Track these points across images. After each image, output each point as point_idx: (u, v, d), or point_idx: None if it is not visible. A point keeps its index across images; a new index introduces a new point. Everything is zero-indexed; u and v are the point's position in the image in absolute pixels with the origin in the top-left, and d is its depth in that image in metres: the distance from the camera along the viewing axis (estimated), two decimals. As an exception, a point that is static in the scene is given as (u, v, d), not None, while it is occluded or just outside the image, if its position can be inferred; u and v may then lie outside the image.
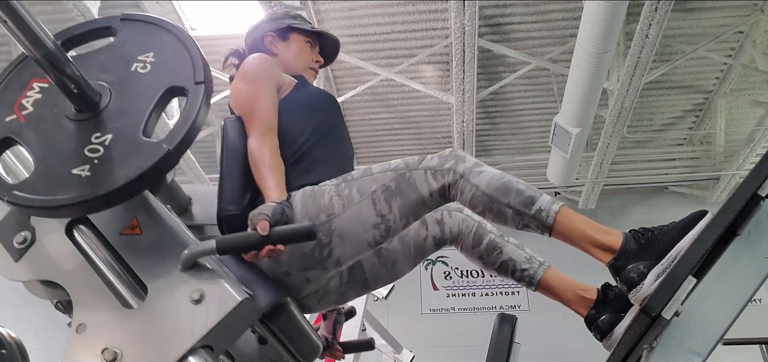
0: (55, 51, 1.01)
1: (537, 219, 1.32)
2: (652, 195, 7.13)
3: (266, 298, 1.28)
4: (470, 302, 7.05)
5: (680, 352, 1.10)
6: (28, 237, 1.12)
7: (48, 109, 1.11)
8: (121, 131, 1.06)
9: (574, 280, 1.52)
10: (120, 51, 1.17)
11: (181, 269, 1.05)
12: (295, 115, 1.55)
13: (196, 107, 1.07)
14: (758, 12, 4.98)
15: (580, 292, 1.48)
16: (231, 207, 1.39)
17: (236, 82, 1.57)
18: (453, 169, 1.37)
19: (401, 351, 4.56)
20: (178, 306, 1.01)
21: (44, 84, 1.14)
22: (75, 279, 1.08)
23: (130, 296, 1.05)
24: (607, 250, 1.28)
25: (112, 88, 1.11)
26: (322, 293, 1.51)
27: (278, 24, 1.76)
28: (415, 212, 1.40)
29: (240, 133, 1.47)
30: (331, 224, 1.37)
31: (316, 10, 4.79)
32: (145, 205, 1.14)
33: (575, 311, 1.49)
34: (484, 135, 6.33)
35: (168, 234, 1.11)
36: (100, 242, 1.11)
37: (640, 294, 1.21)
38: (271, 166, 1.37)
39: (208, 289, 1.02)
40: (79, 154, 1.04)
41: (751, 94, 5.85)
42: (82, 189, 1.01)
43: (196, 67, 1.11)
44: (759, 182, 1.09)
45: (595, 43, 3.97)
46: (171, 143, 1.03)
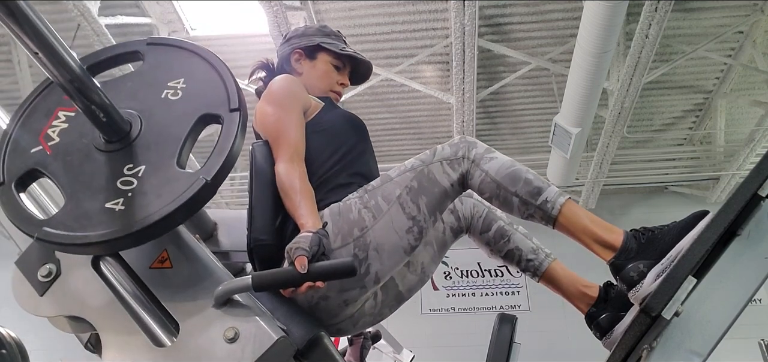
0: (82, 76, 0.97)
1: (542, 209, 1.33)
2: (652, 195, 7.13)
3: (301, 334, 1.22)
4: (470, 302, 7.05)
5: (680, 352, 1.09)
6: (53, 271, 1.07)
7: (76, 139, 1.07)
8: (155, 162, 1.02)
9: (578, 276, 1.52)
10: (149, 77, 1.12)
11: (214, 305, 1.01)
12: (321, 139, 1.51)
13: (232, 135, 1.03)
14: (758, 12, 4.98)
15: (582, 288, 1.48)
16: (263, 236, 1.33)
17: (262, 104, 1.52)
18: (466, 156, 1.39)
19: (401, 351, 4.56)
20: (212, 345, 0.97)
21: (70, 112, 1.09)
22: (103, 316, 1.03)
23: (161, 333, 1.00)
24: (608, 247, 1.29)
25: (142, 117, 1.07)
26: (357, 317, 1.46)
27: (308, 41, 1.72)
28: (441, 205, 1.41)
29: (267, 158, 1.42)
30: (366, 238, 1.35)
31: (316, 10, 4.79)
32: (175, 237, 1.10)
33: (576, 306, 1.49)
34: (484, 135, 6.32)
35: (200, 268, 1.07)
36: (129, 276, 1.06)
37: (640, 293, 1.21)
38: (302, 192, 1.33)
39: (242, 327, 0.98)
40: (112, 187, 1.00)
41: (751, 94, 5.84)
42: (117, 225, 0.97)
43: (229, 93, 1.07)
44: (759, 182, 1.09)
45: (595, 43, 3.97)
46: (208, 174, 0.99)
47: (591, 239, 1.31)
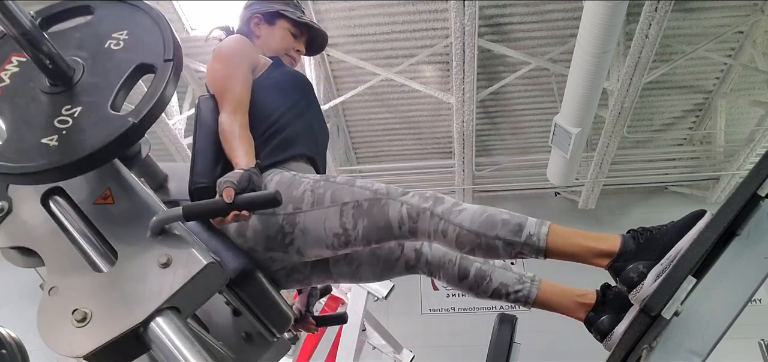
0: (32, 29, 1.06)
1: (529, 245, 1.30)
2: (652, 195, 7.13)
3: (234, 265, 1.35)
4: (470, 302, 7.04)
5: (680, 352, 1.09)
6: (4, 207, 1.17)
7: (24, 83, 1.16)
8: (91, 104, 1.10)
9: (569, 288, 1.52)
10: (96, 28, 1.21)
11: (149, 235, 1.09)
12: (269, 93, 1.60)
13: (163, 83, 1.10)
14: (758, 12, 4.98)
15: (577, 299, 1.48)
16: (203, 179, 1.43)
17: (211, 62, 1.62)
18: (431, 210, 1.36)
19: (401, 351, 4.56)
20: (146, 270, 1.05)
21: (23, 58, 1.18)
22: (48, 246, 1.12)
23: (100, 261, 1.08)
24: (605, 256, 1.28)
25: (85, 64, 1.16)
26: (289, 270, 1.56)
27: (268, 7, 1.79)
28: (378, 238, 1.40)
29: (213, 111, 1.52)
30: (296, 217, 1.41)
31: (316, 10, 4.79)
32: (118, 176, 1.19)
33: (576, 318, 1.48)
34: (484, 135, 6.33)
35: (139, 204, 1.15)
36: (74, 211, 1.15)
37: (641, 294, 1.21)
38: (240, 137, 1.43)
39: (175, 254, 1.06)
40: (49, 125, 1.09)
41: (751, 94, 5.84)
42: (50, 158, 1.05)
43: (166, 45, 1.15)
44: (759, 182, 1.09)
45: (595, 43, 3.97)
46: (136, 117, 1.07)
47: (587, 254, 1.29)
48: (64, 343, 0.98)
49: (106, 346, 0.96)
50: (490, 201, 4.92)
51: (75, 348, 0.97)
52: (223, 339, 1.43)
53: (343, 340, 4.00)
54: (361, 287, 3.98)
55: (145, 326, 0.99)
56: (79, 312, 0.99)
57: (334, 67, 5.50)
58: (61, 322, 0.99)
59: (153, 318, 0.99)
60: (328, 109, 5.53)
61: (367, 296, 4.03)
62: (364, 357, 4.31)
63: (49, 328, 1.00)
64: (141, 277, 1.04)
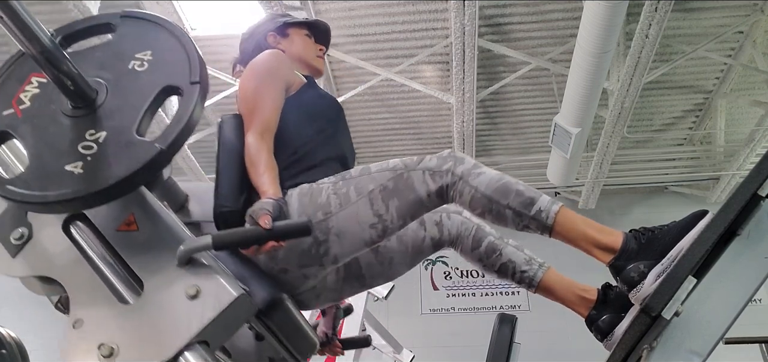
0: (52, 48, 1.01)
1: (537, 220, 1.32)
2: (652, 195, 7.13)
3: (262, 294, 1.29)
4: (470, 302, 7.05)
5: (680, 352, 1.09)
6: (24, 234, 1.12)
7: (45, 105, 1.11)
8: (115, 129, 1.06)
9: (574, 281, 1.52)
10: (118, 48, 1.17)
11: (177, 265, 1.04)
12: (300, 116, 1.55)
13: (190, 107, 1.06)
14: (758, 12, 4.98)
15: (580, 293, 1.48)
16: (228, 203, 1.38)
17: (245, 75, 1.56)
18: (451, 170, 1.37)
19: (401, 351, 4.56)
20: (174, 302, 1.01)
21: (43, 79, 1.13)
22: (71, 275, 1.07)
23: (126, 291, 1.04)
24: (607, 250, 1.28)
25: (108, 86, 1.11)
26: (319, 289, 1.51)
27: (274, 24, 1.77)
28: (412, 213, 1.40)
29: (237, 131, 1.46)
30: (328, 222, 1.38)
31: (316, 10, 4.79)
32: (142, 202, 1.14)
33: (576, 312, 1.49)
34: (484, 135, 6.33)
35: (164, 230, 1.10)
36: (97, 238, 1.10)
37: (641, 293, 1.21)
38: (267, 163, 1.37)
39: (204, 285, 1.02)
40: (73, 151, 1.04)
41: (751, 94, 5.84)
42: (74, 186, 1.01)
43: (192, 66, 1.11)
44: (759, 182, 1.09)
45: (595, 43, 3.97)
46: (164, 142, 1.03)
47: (589, 243, 1.30)
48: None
49: None
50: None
51: None
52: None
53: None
54: (361, 287, 3.97)
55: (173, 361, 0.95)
56: (105, 347, 0.96)
57: (334, 67, 5.50)
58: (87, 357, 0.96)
59: (182, 353, 0.95)
60: (328, 109, 5.53)
61: (367, 296, 4.03)
62: (364, 357, 4.31)
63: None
64: (169, 310, 1.00)
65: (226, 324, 1.02)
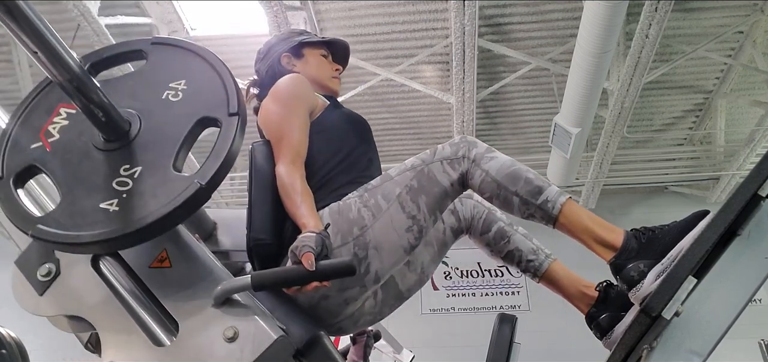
0: (82, 75, 0.97)
1: (542, 209, 1.33)
2: (652, 195, 7.13)
3: (300, 333, 1.21)
4: (470, 302, 7.05)
5: (680, 352, 1.09)
6: (52, 270, 1.07)
7: (75, 137, 1.06)
8: (151, 164, 1.02)
9: (578, 276, 1.52)
10: (151, 77, 1.12)
11: (213, 305, 1.01)
12: (325, 139, 1.51)
13: (230, 140, 1.02)
14: (758, 12, 4.98)
15: (582, 288, 1.48)
16: (262, 236, 1.33)
17: (268, 102, 1.52)
18: (466, 155, 1.39)
19: (401, 351, 4.55)
20: (211, 345, 0.97)
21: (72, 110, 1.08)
22: (102, 315, 1.03)
23: (161, 332, 1.00)
24: (608, 247, 1.29)
25: (142, 117, 1.06)
26: (357, 316, 1.46)
27: (288, 44, 1.72)
28: (441, 205, 1.41)
29: (268, 159, 1.42)
30: (365, 237, 1.35)
31: (316, 10, 4.79)
32: (175, 237, 1.09)
33: (576, 307, 1.49)
34: (484, 135, 6.32)
35: (199, 267, 1.07)
36: (128, 275, 1.06)
37: (640, 293, 1.21)
38: (303, 193, 1.32)
39: (241, 326, 0.98)
40: (107, 187, 1.00)
41: (751, 94, 5.84)
42: (110, 226, 0.97)
43: (229, 96, 1.06)
44: (759, 182, 1.09)
45: (595, 43, 3.97)
46: (203, 178, 0.99)
47: (591, 239, 1.31)
48: None
49: None
50: (490, 201, 4.93)
51: None
52: None
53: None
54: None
55: None
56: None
57: (334, 67, 5.49)
58: None
59: None
60: (328, 109, 5.53)
61: (367, 296, 4.02)
62: (364, 357, 4.30)
63: None
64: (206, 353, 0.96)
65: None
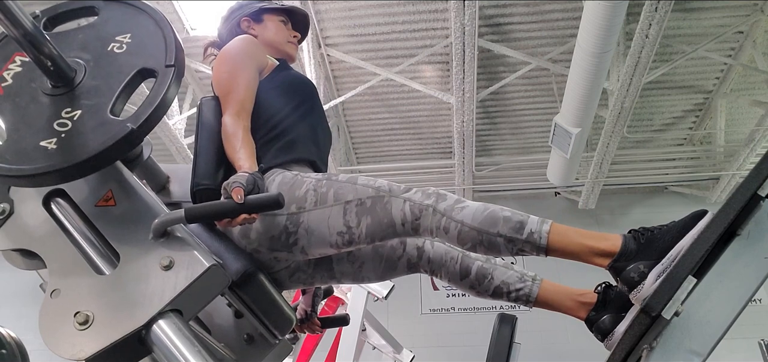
0: (33, 31, 1.05)
1: (530, 242, 1.31)
2: (652, 195, 7.13)
3: (236, 267, 1.35)
4: (470, 302, 7.04)
5: (680, 352, 1.09)
6: (6, 209, 1.16)
7: (26, 83, 1.15)
8: (91, 108, 1.10)
9: (570, 288, 1.52)
10: (100, 30, 1.20)
11: (151, 238, 1.09)
12: (274, 95, 1.60)
13: (164, 88, 1.09)
14: (758, 12, 4.98)
15: (578, 298, 1.49)
16: (205, 181, 1.42)
17: (217, 62, 1.61)
18: (433, 207, 1.36)
19: (401, 351, 4.55)
20: (148, 273, 1.05)
21: (26, 58, 1.17)
22: (50, 248, 1.11)
23: (102, 264, 1.08)
24: (606, 256, 1.28)
25: (87, 66, 1.15)
26: (292, 269, 1.55)
27: (250, 8, 1.80)
28: (382, 235, 1.41)
29: (215, 112, 1.52)
30: (300, 216, 1.41)
31: (316, 10, 4.79)
32: (120, 178, 1.18)
33: (576, 317, 1.49)
34: (484, 135, 6.33)
35: (141, 206, 1.15)
36: (76, 213, 1.15)
37: (641, 294, 1.21)
38: (243, 140, 1.42)
39: (177, 256, 1.06)
40: (49, 128, 1.08)
41: (751, 94, 5.84)
42: (47, 161, 1.05)
43: (168, 50, 1.14)
44: (759, 182, 1.09)
45: (595, 43, 3.97)
46: (135, 122, 1.06)
47: (587, 254, 1.30)
48: (67, 346, 0.98)
49: (108, 349, 0.97)
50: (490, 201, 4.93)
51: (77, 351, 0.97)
52: (224, 340, 1.43)
53: (343, 340, 3.99)
54: (361, 287, 3.98)
55: (147, 328, 0.99)
56: (81, 314, 0.99)
57: (334, 67, 5.50)
58: (63, 325, 0.99)
59: (155, 320, 0.99)
60: (328, 109, 5.53)
61: (367, 296, 4.03)
62: (364, 357, 4.31)
63: (51, 331, 1.00)
64: (143, 280, 1.04)
65: (198, 294, 1.06)
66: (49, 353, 1.00)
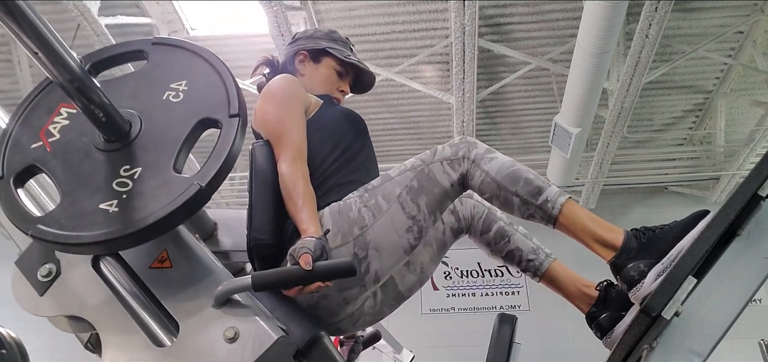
0: (82, 76, 0.97)
1: (542, 209, 1.33)
2: (652, 195, 7.13)
3: (301, 333, 1.21)
4: (470, 302, 7.05)
5: (680, 352, 1.09)
6: (52, 271, 1.07)
7: (76, 137, 1.06)
8: (152, 165, 1.02)
9: (579, 275, 1.52)
10: (151, 77, 1.12)
11: (213, 305, 1.01)
12: (321, 136, 1.51)
13: (230, 141, 1.03)
14: (758, 12, 4.98)
15: (582, 288, 1.48)
16: (263, 236, 1.33)
17: (262, 103, 1.52)
18: (466, 156, 1.39)
19: (401, 351, 4.55)
20: (212, 345, 0.97)
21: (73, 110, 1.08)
22: (103, 315, 1.03)
23: (161, 333, 1.00)
24: (609, 247, 1.29)
25: (142, 117, 1.07)
26: (357, 316, 1.46)
27: (314, 44, 1.73)
28: (441, 205, 1.41)
29: (269, 159, 1.41)
30: (366, 237, 1.35)
31: (316, 10, 4.79)
32: (175, 237, 1.10)
33: (576, 306, 1.49)
34: (484, 135, 6.32)
35: (200, 268, 1.07)
36: (129, 275, 1.06)
37: (640, 293, 1.21)
38: (305, 196, 1.32)
39: (242, 327, 0.98)
40: (108, 188, 1.00)
41: (751, 94, 5.84)
42: (110, 226, 0.97)
43: (230, 97, 1.07)
44: (759, 182, 1.09)
45: (595, 43, 3.97)
46: (203, 180, 0.99)
47: (591, 238, 1.31)
48: None
49: None
50: (490, 201, 4.94)
51: None
52: None
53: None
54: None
55: None
56: None
57: (334, 67, 5.49)
58: None
59: None
60: (328, 109, 5.53)
61: (367, 296, 4.03)
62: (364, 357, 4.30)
63: None
64: (207, 353, 0.96)
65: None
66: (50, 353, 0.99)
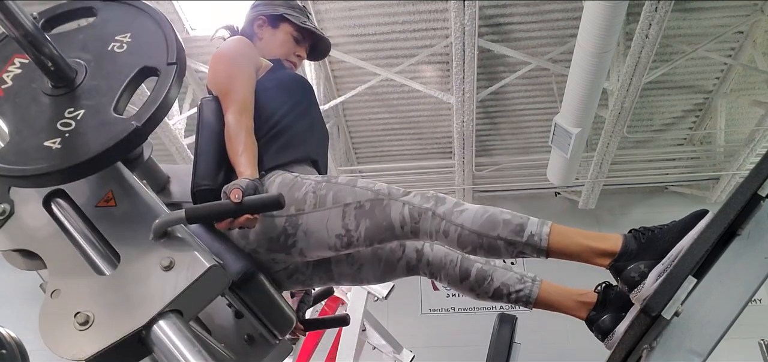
0: (34, 31, 1.06)
1: (530, 245, 1.31)
2: (652, 195, 7.13)
3: (236, 267, 1.36)
4: (470, 302, 7.02)
5: (680, 352, 1.10)
6: (6, 210, 1.17)
7: (26, 84, 1.15)
8: (93, 107, 1.10)
9: (570, 288, 1.52)
10: (100, 31, 1.21)
11: (152, 238, 1.09)
12: (271, 94, 1.60)
13: (166, 87, 1.10)
14: (758, 12, 4.98)
15: (578, 298, 1.49)
16: (205, 181, 1.43)
17: (213, 63, 1.61)
18: (432, 210, 1.36)
19: (401, 351, 4.56)
20: (148, 273, 1.05)
21: (25, 60, 1.17)
22: (51, 248, 1.12)
23: (103, 264, 1.09)
24: (607, 256, 1.28)
25: (88, 66, 1.15)
26: (291, 270, 1.56)
27: (272, 10, 1.79)
28: (380, 238, 1.41)
29: (216, 113, 1.52)
30: (299, 219, 1.42)
31: (316, 10, 4.79)
32: (120, 179, 1.19)
33: (577, 317, 1.49)
34: (484, 135, 6.33)
35: (141, 206, 1.16)
36: (77, 214, 1.15)
37: (641, 294, 1.21)
38: (246, 145, 1.42)
39: (178, 257, 1.06)
40: (52, 128, 1.08)
41: (751, 94, 5.84)
42: (51, 161, 1.05)
43: (169, 48, 1.15)
44: (759, 182, 1.09)
45: (595, 43, 3.97)
46: (139, 120, 1.06)
47: (588, 254, 1.30)
48: (67, 346, 0.98)
49: (108, 349, 0.97)
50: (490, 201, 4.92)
51: (77, 351, 0.97)
52: (225, 341, 1.43)
53: (344, 340, 4.00)
54: (361, 287, 3.98)
55: (147, 329, 0.99)
56: (81, 315, 0.99)
57: (334, 67, 5.50)
58: (63, 325, 1.00)
59: (155, 321, 0.99)
60: (328, 109, 5.53)
61: (367, 296, 4.03)
62: (364, 357, 4.31)
63: (51, 331, 1.00)
64: (143, 280, 1.04)
65: (199, 294, 1.06)
66: (49, 353, 1.00)
